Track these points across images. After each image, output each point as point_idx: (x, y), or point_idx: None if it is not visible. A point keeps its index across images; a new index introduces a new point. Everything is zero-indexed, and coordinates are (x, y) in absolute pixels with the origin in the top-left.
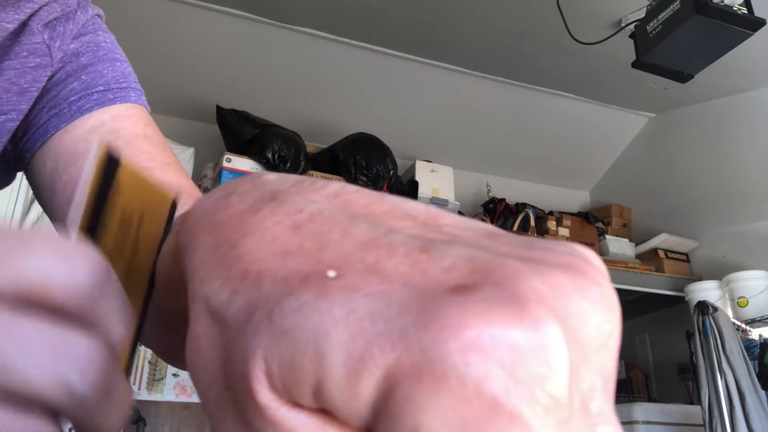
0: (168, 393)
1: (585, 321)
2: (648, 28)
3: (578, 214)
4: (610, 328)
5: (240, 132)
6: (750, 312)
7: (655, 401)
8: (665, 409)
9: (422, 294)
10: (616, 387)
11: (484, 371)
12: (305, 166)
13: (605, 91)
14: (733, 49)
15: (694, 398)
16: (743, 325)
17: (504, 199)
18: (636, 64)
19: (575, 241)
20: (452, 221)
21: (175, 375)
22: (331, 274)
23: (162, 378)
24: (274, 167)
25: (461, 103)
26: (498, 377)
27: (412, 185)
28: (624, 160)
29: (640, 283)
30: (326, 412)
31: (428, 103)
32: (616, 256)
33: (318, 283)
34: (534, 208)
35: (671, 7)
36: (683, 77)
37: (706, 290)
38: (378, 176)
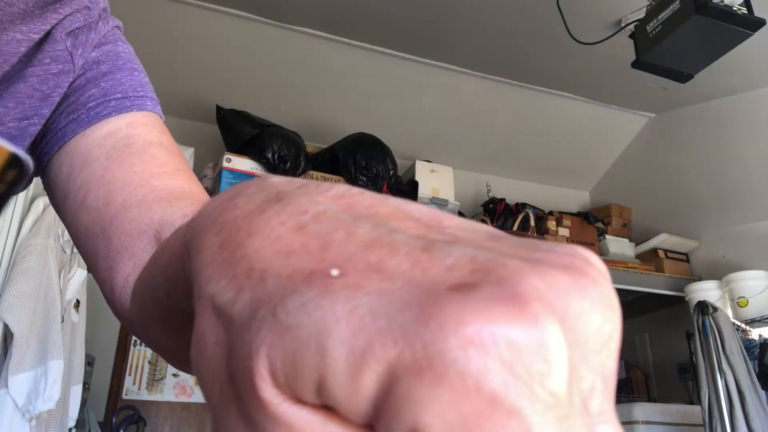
0: (168, 393)
1: (585, 321)
2: (648, 28)
3: (578, 214)
4: (610, 328)
5: (240, 132)
6: (750, 312)
7: (655, 401)
8: (665, 409)
9: (423, 292)
10: (616, 387)
11: (484, 366)
12: (305, 166)
13: (605, 91)
14: (733, 49)
15: (694, 398)
16: (743, 325)
17: (504, 199)
18: (636, 64)
19: (575, 241)
20: (455, 223)
21: (175, 375)
22: (335, 272)
23: (162, 378)
24: (274, 167)
25: (461, 103)
26: (497, 373)
27: (412, 185)
28: (624, 160)
29: (640, 283)
30: (328, 408)
31: (428, 103)
32: (616, 256)
33: (321, 281)
34: (534, 208)
35: (671, 7)
36: (683, 77)
37: (706, 290)
38: (378, 176)
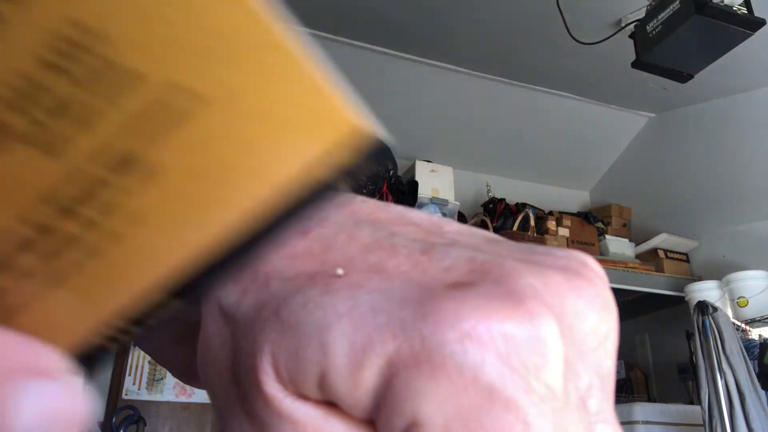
0: (168, 393)
1: (581, 320)
2: (648, 28)
3: (578, 214)
4: (606, 328)
5: None
6: (750, 312)
7: (654, 401)
8: (665, 409)
9: (422, 290)
10: (615, 387)
11: (481, 359)
12: None
13: (605, 91)
14: (733, 49)
15: (693, 398)
16: (743, 325)
17: (504, 199)
18: (636, 64)
19: (575, 241)
20: (455, 228)
21: None
22: (340, 272)
23: (162, 378)
24: None
25: (461, 103)
26: (494, 365)
27: (412, 185)
28: (624, 160)
29: (640, 283)
30: (331, 404)
31: (428, 103)
32: (616, 256)
33: (323, 281)
34: (534, 208)
35: (671, 7)
36: (683, 77)
37: (706, 290)
38: (377, 176)
